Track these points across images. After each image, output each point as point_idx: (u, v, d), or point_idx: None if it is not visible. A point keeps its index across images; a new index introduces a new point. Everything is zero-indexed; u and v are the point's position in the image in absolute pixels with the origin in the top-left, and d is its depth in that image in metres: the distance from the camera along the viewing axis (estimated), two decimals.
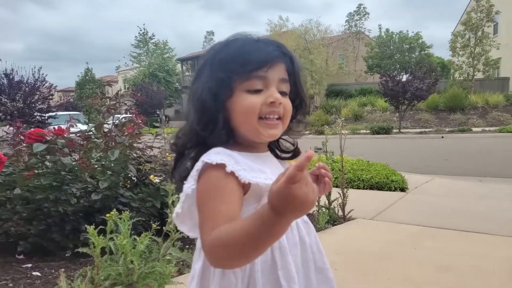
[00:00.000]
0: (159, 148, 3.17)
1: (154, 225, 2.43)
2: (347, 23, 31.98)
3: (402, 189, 4.90)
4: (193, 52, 40.14)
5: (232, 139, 0.85)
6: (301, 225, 0.91)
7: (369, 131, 16.58)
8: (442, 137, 14.28)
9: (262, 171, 0.81)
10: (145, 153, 3.03)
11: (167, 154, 3.05)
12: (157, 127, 4.05)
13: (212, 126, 0.82)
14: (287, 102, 0.86)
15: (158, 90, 30.43)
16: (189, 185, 0.80)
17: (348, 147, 4.03)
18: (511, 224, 3.37)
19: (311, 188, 0.63)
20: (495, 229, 3.22)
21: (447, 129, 16.05)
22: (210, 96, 0.82)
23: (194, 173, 0.80)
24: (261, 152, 0.90)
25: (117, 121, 2.80)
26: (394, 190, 4.86)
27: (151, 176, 3.04)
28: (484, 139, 13.21)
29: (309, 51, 25.55)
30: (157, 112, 32.00)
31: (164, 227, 2.34)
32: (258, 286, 0.81)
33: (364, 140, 14.35)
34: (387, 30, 29.60)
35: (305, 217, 0.93)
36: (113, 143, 2.65)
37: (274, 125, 0.84)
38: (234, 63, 0.81)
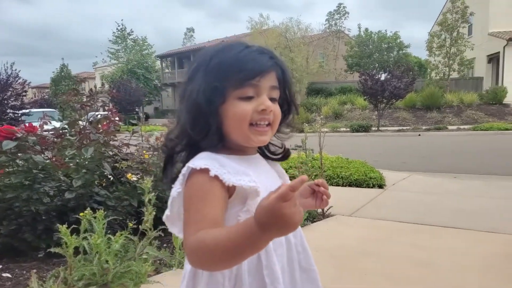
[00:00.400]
0: (136, 145, 3.10)
1: (130, 224, 2.39)
2: (327, 22, 32.22)
3: (380, 186, 4.98)
4: (173, 49, 39.75)
5: (222, 143, 0.88)
6: None
7: (349, 129, 16.77)
8: (419, 135, 14.59)
9: (246, 174, 0.83)
10: (121, 151, 2.96)
11: (144, 151, 2.99)
12: (134, 124, 3.98)
13: (205, 130, 0.85)
14: (276, 109, 0.89)
15: (137, 87, 29.94)
16: (176, 189, 0.83)
17: (328, 144, 4.05)
18: (484, 219, 3.46)
19: (298, 210, 0.65)
20: (469, 224, 3.30)
21: (424, 127, 16.39)
22: (204, 100, 0.84)
23: (180, 177, 0.83)
24: (249, 155, 0.93)
25: (91, 118, 2.73)
26: (372, 187, 4.93)
27: (129, 175, 2.97)
28: (459, 137, 13.57)
29: (289, 49, 25.65)
30: (136, 109, 31.53)
31: (140, 226, 2.30)
32: (245, 285, 0.83)
33: (344, 138, 14.51)
34: (366, 29, 30.01)
35: None
36: (88, 141, 2.58)
37: (264, 131, 0.87)
38: (229, 70, 0.84)
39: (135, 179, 3.01)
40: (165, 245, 2.74)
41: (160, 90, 36.97)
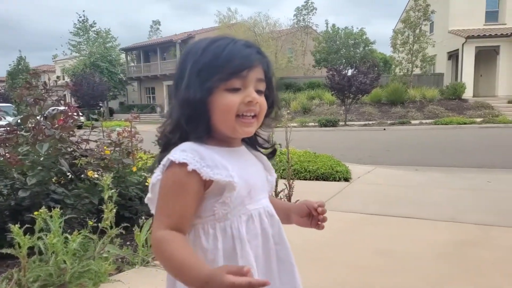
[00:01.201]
0: (96, 141, 2.98)
1: (90, 222, 2.29)
2: (295, 17, 32.39)
3: (346, 179, 5.07)
4: (139, 42, 38.65)
5: (208, 134, 0.90)
6: (264, 217, 0.95)
7: (317, 124, 17.01)
8: (384, 129, 15.03)
9: (225, 168, 0.86)
10: (80, 147, 2.84)
11: (105, 147, 2.88)
12: (95, 119, 3.83)
13: (194, 121, 0.88)
14: (262, 101, 0.91)
15: (101, 81, 28.96)
16: (156, 175, 0.88)
17: (296, 139, 4.08)
18: (443, 210, 3.60)
19: None
20: (429, 214, 3.42)
21: (388, 122, 16.88)
22: (193, 94, 0.86)
23: (160, 166, 0.87)
24: (234, 147, 0.95)
25: (46, 113, 2.59)
26: (338, 180, 5.01)
27: (89, 171, 2.86)
28: (421, 131, 14.07)
29: (258, 44, 25.56)
30: (100, 104, 30.54)
31: (99, 224, 2.21)
32: None
33: (312, 132, 14.70)
34: (334, 25, 30.38)
35: (270, 210, 0.98)
36: (43, 136, 2.45)
37: (249, 123, 0.90)
38: (217, 64, 0.86)
39: (96, 176, 2.91)
40: (128, 243, 2.66)
41: (126, 84, 35.85)
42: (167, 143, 0.92)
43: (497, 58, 20.98)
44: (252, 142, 1.03)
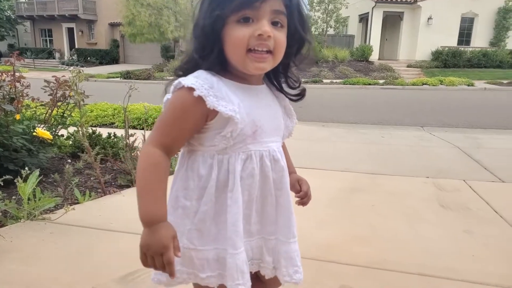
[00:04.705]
0: None
1: None
2: None
3: None
4: None
5: (224, 68, 0.89)
6: (267, 161, 0.94)
7: None
8: None
9: (232, 102, 0.86)
10: None
11: None
12: None
13: (207, 53, 0.87)
14: (278, 35, 0.86)
15: None
16: (167, 96, 0.90)
17: None
18: (338, 161, 3.91)
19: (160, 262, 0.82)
20: (326, 165, 3.69)
21: (303, 80, 17.36)
22: (207, 25, 0.85)
23: (172, 88, 0.88)
24: (252, 85, 0.93)
25: None
26: None
27: None
28: (332, 89, 14.88)
29: None
30: None
31: None
32: (209, 201, 0.91)
33: None
34: None
35: (276, 155, 0.96)
36: None
37: (262, 58, 0.85)
38: None
39: None
40: (14, 197, 2.43)
41: (15, 24, 31.26)
42: (185, 73, 0.91)
43: (401, 24, 22.63)
44: (278, 82, 1.00)
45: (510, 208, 2.66)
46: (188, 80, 0.85)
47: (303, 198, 1.14)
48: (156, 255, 0.81)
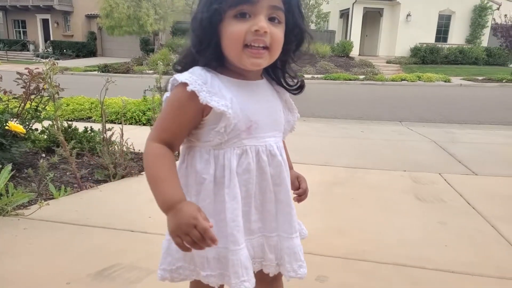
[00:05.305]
0: None
1: None
2: None
3: None
4: None
5: (222, 64, 0.90)
6: (264, 156, 0.94)
7: None
8: None
9: (224, 98, 0.86)
10: None
11: None
12: None
13: (204, 48, 0.87)
14: (275, 31, 0.86)
15: None
16: (166, 94, 0.92)
17: None
18: (318, 155, 3.94)
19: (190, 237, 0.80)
20: (306, 159, 3.72)
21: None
22: (204, 20, 0.85)
23: (169, 86, 0.90)
24: (250, 80, 0.93)
25: None
26: None
27: None
28: (313, 85, 14.93)
29: None
30: None
31: None
32: (208, 193, 0.91)
33: None
34: None
35: (273, 150, 0.95)
36: None
37: (258, 54, 0.85)
38: None
39: None
40: None
41: None
42: (183, 69, 0.92)
43: (380, 20, 22.93)
44: (277, 77, 1.00)
45: (482, 200, 2.75)
46: (182, 76, 0.86)
47: (301, 195, 1.15)
48: (189, 229, 0.79)
